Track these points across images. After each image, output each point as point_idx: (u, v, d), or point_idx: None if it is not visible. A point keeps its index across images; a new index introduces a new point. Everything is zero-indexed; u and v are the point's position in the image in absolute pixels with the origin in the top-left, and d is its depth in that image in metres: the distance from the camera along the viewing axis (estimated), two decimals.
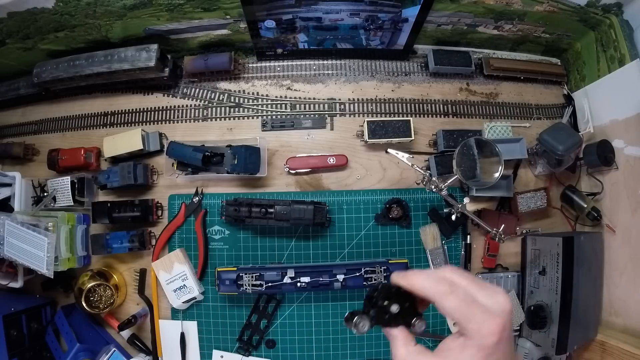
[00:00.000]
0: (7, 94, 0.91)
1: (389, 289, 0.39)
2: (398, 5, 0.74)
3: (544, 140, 0.80)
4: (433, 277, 0.36)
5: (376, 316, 0.38)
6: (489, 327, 0.33)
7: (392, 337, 0.39)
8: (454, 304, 0.34)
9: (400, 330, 0.39)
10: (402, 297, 0.39)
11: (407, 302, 0.39)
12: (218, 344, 0.83)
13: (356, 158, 0.88)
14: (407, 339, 0.38)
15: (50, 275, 0.73)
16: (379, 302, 0.39)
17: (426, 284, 0.36)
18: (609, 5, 0.75)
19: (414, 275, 0.38)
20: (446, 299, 0.35)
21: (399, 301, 0.39)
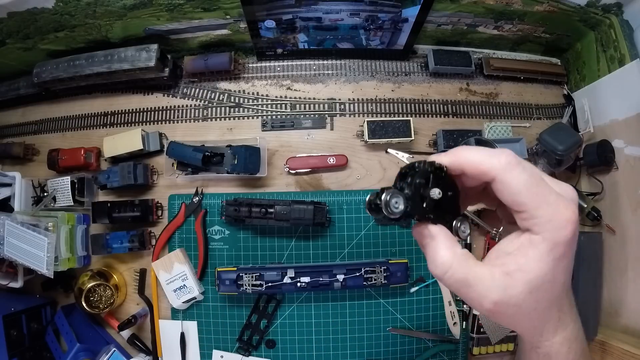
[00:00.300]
0: (7, 94, 0.91)
1: (428, 169, 0.29)
2: (398, 5, 0.74)
3: (544, 140, 0.80)
4: (490, 150, 0.29)
5: (412, 199, 0.29)
6: (565, 214, 0.26)
7: (431, 236, 0.30)
8: (523, 177, 0.27)
9: (441, 229, 0.30)
10: (444, 186, 0.30)
11: (450, 192, 0.30)
12: (218, 344, 0.83)
13: (356, 158, 0.88)
14: (452, 239, 0.29)
15: (50, 275, 0.73)
16: (416, 180, 0.29)
17: (482, 155, 0.28)
18: (609, 5, 0.75)
19: (464, 149, 0.30)
20: (512, 170, 0.27)
21: (444, 186, 0.29)
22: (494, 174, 0.28)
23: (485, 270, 0.28)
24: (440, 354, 0.83)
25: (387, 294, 0.83)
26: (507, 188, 0.27)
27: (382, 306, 0.83)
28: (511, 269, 0.27)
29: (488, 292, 0.27)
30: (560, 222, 0.26)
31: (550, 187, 0.27)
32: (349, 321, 0.83)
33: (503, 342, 0.85)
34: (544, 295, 0.28)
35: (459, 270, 0.28)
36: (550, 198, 0.27)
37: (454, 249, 0.29)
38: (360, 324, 0.83)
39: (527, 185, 0.27)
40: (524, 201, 0.27)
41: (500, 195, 0.28)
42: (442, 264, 0.28)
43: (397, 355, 0.83)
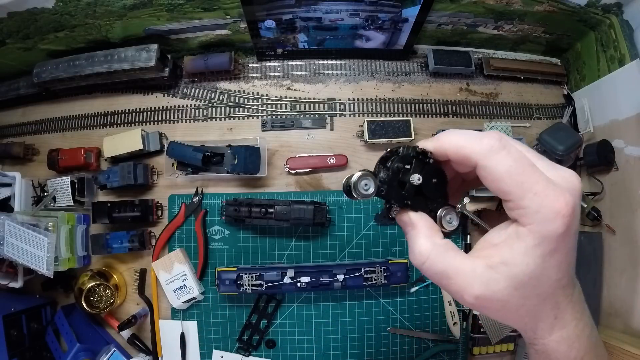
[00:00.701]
0: (7, 94, 0.91)
1: (410, 154, 0.28)
2: (398, 5, 0.74)
3: (544, 140, 0.80)
4: (474, 133, 0.26)
5: (388, 183, 0.28)
6: (554, 205, 0.24)
7: (411, 224, 0.28)
8: (506, 162, 0.24)
9: (422, 217, 0.28)
10: (428, 172, 0.28)
11: (435, 179, 0.29)
12: (218, 344, 0.83)
13: (356, 158, 0.88)
14: (433, 228, 0.28)
15: (50, 275, 0.73)
16: (395, 164, 0.28)
17: (465, 138, 0.26)
18: (609, 5, 0.75)
19: (448, 133, 0.28)
20: (494, 155, 0.25)
21: (427, 172, 0.28)
22: (476, 159, 0.25)
23: (466, 263, 0.26)
24: (440, 354, 0.83)
25: (387, 294, 0.83)
26: (489, 174, 0.25)
27: (382, 306, 0.83)
28: (495, 261, 0.25)
29: (469, 286, 0.26)
30: (548, 214, 0.24)
31: (540, 174, 0.25)
32: (349, 321, 0.83)
33: (503, 342, 0.85)
34: (532, 292, 0.26)
35: (437, 261, 0.27)
36: (538, 187, 0.24)
37: (433, 239, 0.27)
38: (360, 324, 0.83)
39: (511, 171, 0.24)
40: (507, 189, 0.25)
41: (484, 182, 0.26)
42: (420, 253, 0.27)
43: (397, 355, 0.83)
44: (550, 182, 0.24)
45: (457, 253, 0.27)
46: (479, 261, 0.26)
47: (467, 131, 0.27)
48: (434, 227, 0.28)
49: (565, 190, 0.24)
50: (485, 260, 0.26)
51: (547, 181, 0.24)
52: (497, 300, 0.26)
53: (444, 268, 0.26)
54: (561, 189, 0.24)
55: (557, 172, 0.26)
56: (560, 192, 0.24)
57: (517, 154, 0.25)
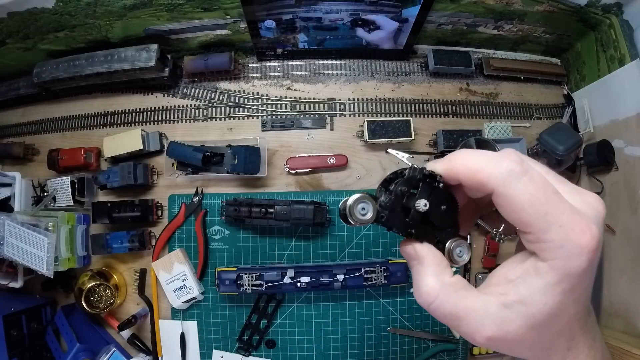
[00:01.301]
0: (7, 94, 0.91)
1: (417, 177, 0.25)
2: (398, 5, 0.74)
3: (544, 140, 0.80)
4: (490, 154, 0.23)
5: (390, 208, 0.25)
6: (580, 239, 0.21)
7: (417, 258, 0.26)
8: (529, 190, 0.22)
9: (429, 250, 0.26)
10: (437, 198, 0.25)
11: (445, 206, 0.26)
12: (218, 344, 0.83)
13: (356, 158, 0.88)
14: (441, 264, 0.25)
15: (50, 275, 0.73)
16: (399, 187, 0.25)
17: (481, 160, 0.23)
18: (609, 5, 0.75)
19: (460, 153, 0.25)
20: (515, 182, 0.22)
21: (435, 197, 0.25)
22: (493, 185, 0.23)
23: (478, 302, 0.24)
24: (440, 354, 0.83)
25: (387, 294, 0.83)
26: (508, 204, 0.22)
27: (382, 306, 0.83)
28: (511, 300, 0.23)
29: (481, 327, 0.24)
30: (573, 250, 0.21)
31: (565, 203, 0.22)
32: (349, 321, 0.83)
33: None
34: (548, 329, 0.24)
35: (446, 302, 0.24)
36: (563, 218, 0.21)
37: (442, 277, 0.25)
38: (360, 324, 0.83)
39: (534, 201, 0.21)
40: (528, 221, 0.22)
41: (502, 211, 0.23)
42: (427, 293, 0.25)
43: (397, 355, 0.83)
44: (575, 212, 0.22)
45: (469, 292, 0.25)
46: (493, 299, 0.24)
47: (482, 152, 0.24)
48: (443, 263, 0.26)
49: (591, 221, 0.22)
50: (500, 298, 0.24)
51: (572, 212, 0.22)
52: (511, 340, 0.24)
53: (454, 310, 0.24)
54: (587, 221, 0.22)
55: (582, 198, 0.23)
56: (586, 225, 0.22)
57: (541, 180, 0.22)
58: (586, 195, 0.24)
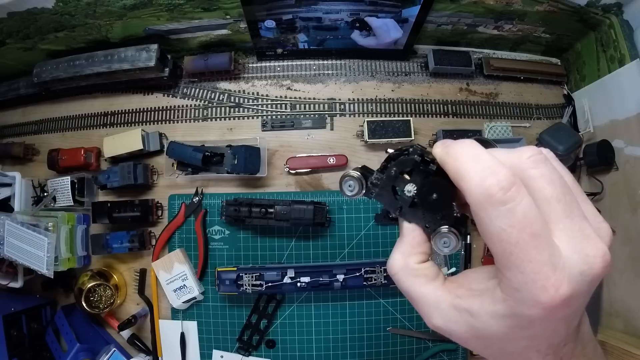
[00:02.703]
0: (7, 94, 0.91)
1: (414, 159, 0.25)
2: (398, 5, 0.74)
3: (544, 140, 0.80)
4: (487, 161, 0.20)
5: (380, 187, 0.26)
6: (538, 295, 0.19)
7: (401, 231, 0.27)
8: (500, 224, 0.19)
9: (412, 230, 0.26)
10: (430, 185, 0.25)
11: (437, 194, 0.24)
12: (218, 344, 0.83)
13: (356, 158, 0.88)
14: (416, 247, 0.26)
15: (50, 275, 0.73)
16: (391, 169, 0.26)
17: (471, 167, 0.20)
18: (609, 5, 0.75)
19: (459, 146, 0.22)
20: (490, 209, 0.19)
21: (426, 185, 0.25)
22: (470, 200, 0.20)
23: (432, 295, 0.25)
24: (440, 354, 0.83)
25: (387, 294, 0.83)
26: (479, 225, 0.21)
27: (382, 306, 0.83)
28: (462, 306, 0.23)
29: (430, 316, 0.25)
30: (527, 300, 0.19)
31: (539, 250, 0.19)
32: (349, 321, 0.83)
33: None
34: (495, 347, 0.23)
35: (403, 282, 0.26)
36: (528, 266, 0.19)
37: (408, 259, 0.26)
38: (360, 324, 0.83)
39: (502, 237, 0.19)
40: (493, 251, 0.20)
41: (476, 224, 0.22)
42: (391, 266, 0.26)
43: (397, 355, 0.83)
44: (549, 264, 0.19)
45: (427, 281, 0.25)
46: (447, 297, 0.24)
47: (479, 153, 0.21)
48: (419, 247, 0.26)
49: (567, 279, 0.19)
50: (455, 300, 0.24)
51: (544, 263, 0.19)
52: (457, 338, 0.24)
53: (409, 291, 0.26)
54: (559, 277, 0.19)
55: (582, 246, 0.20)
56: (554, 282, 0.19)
57: (522, 216, 0.19)
58: (591, 245, 0.20)
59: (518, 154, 0.21)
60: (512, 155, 0.21)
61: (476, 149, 0.22)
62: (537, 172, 0.21)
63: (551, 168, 0.21)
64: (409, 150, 0.26)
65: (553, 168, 0.21)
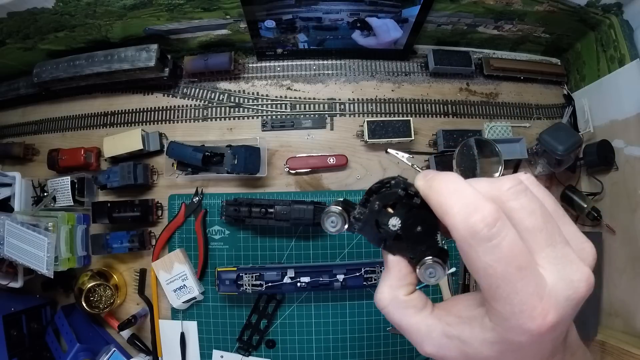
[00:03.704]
0: (7, 94, 0.91)
1: (397, 193, 0.25)
2: (398, 5, 0.74)
3: (544, 140, 0.80)
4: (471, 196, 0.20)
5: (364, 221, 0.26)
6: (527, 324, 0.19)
7: (386, 265, 0.27)
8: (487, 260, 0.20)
9: (397, 262, 0.26)
10: (413, 217, 0.25)
11: (421, 227, 0.25)
12: (218, 344, 0.83)
13: (356, 158, 0.88)
14: (403, 280, 0.26)
15: (50, 275, 0.73)
16: (374, 204, 0.26)
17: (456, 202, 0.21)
18: (609, 5, 0.75)
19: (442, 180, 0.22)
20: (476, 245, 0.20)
21: (410, 218, 0.25)
22: (455, 235, 0.21)
23: (422, 325, 0.25)
24: None
25: None
26: (465, 259, 0.21)
27: None
28: (453, 333, 0.24)
29: (422, 343, 0.25)
30: (516, 329, 0.20)
31: (526, 281, 0.19)
32: (349, 321, 0.83)
33: None
34: None
35: (393, 314, 0.26)
36: (516, 298, 0.19)
37: (396, 292, 0.26)
38: (360, 324, 0.83)
39: (490, 272, 0.20)
40: (480, 283, 0.21)
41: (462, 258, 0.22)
42: (379, 300, 0.26)
43: (397, 355, 0.83)
44: (536, 294, 0.19)
45: (417, 311, 0.25)
46: (438, 326, 0.25)
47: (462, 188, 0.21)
48: (406, 279, 0.26)
49: (554, 306, 0.19)
50: (445, 328, 0.24)
51: (531, 293, 0.19)
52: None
53: (399, 323, 0.26)
54: (546, 305, 0.19)
55: (565, 271, 0.20)
56: (542, 310, 0.19)
57: (508, 249, 0.19)
58: (574, 270, 0.20)
59: (498, 185, 0.22)
60: (493, 187, 0.22)
61: (458, 183, 0.22)
62: (518, 204, 0.21)
63: (531, 197, 0.21)
64: (390, 183, 0.26)
65: (533, 197, 0.22)
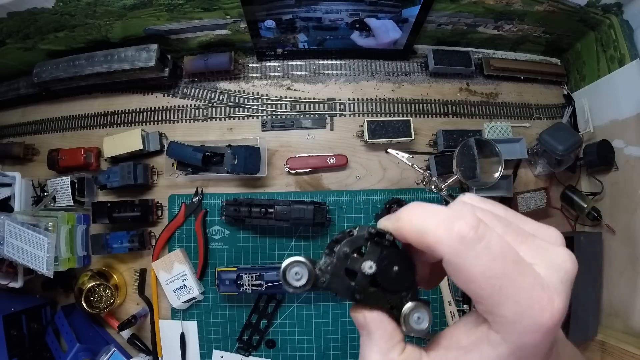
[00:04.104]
0: (7, 94, 0.91)
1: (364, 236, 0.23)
2: (398, 5, 0.74)
3: (544, 140, 0.80)
4: (443, 213, 0.20)
5: (332, 272, 0.23)
6: (538, 318, 0.19)
7: (367, 329, 0.23)
8: (483, 262, 0.19)
9: (380, 320, 0.23)
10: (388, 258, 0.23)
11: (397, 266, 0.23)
12: (218, 344, 0.83)
13: (356, 158, 0.88)
14: (392, 339, 0.23)
15: (50, 275, 0.73)
16: (342, 249, 0.23)
17: (430, 221, 0.20)
18: (609, 5, 0.75)
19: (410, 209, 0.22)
20: (468, 251, 0.19)
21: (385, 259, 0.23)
22: (442, 252, 0.20)
23: None
24: None
25: None
26: (459, 274, 0.20)
27: None
28: None
29: None
30: (529, 327, 0.19)
31: (525, 275, 0.19)
32: (349, 321, 0.83)
33: None
34: None
35: None
36: (521, 294, 0.19)
37: (390, 355, 0.22)
38: None
39: (488, 274, 0.19)
40: (481, 294, 0.20)
41: (451, 277, 0.21)
42: None
43: None
44: (537, 284, 0.19)
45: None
46: None
47: (434, 209, 0.21)
48: (394, 337, 0.23)
49: (555, 292, 0.19)
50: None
51: (533, 285, 0.19)
52: None
53: None
54: (550, 293, 0.19)
55: (548, 258, 0.20)
56: (548, 300, 0.19)
57: (499, 248, 0.19)
58: (553, 254, 0.21)
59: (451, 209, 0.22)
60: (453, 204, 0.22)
61: (426, 205, 0.21)
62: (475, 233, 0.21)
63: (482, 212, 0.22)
64: (353, 232, 0.24)
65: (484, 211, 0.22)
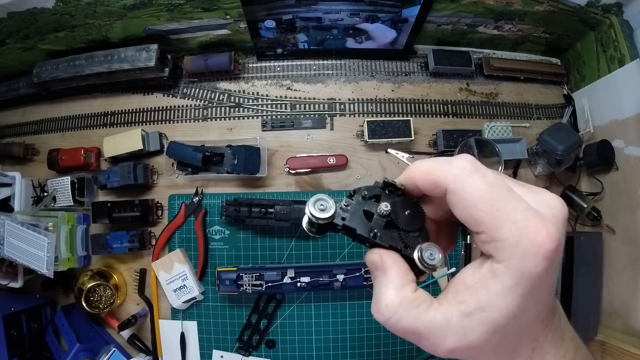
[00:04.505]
0: (7, 94, 0.91)
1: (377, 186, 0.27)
2: (398, 5, 0.74)
3: (544, 140, 0.80)
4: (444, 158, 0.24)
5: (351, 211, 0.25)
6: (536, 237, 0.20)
7: (382, 267, 0.25)
8: (480, 186, 0.22)
9: (395, 259, 0.25)
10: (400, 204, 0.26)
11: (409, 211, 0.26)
12: (218, 344, 0.83)
13: (356, 158, 0.88)
14: (406, 276, 0.24)
15: (50, 275, 0.73)
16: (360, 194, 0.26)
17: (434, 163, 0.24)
18: (609, 5, 0.75)
19: (417, 162, 0.26)
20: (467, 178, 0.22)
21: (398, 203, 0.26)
22: (446, 183, 0.23)
23: (438, 315, 0.23)
24: None
25: None
26: (460, 200, 0.22)
27: None
28: (470, 307, 0.23)
29: (442, 340, 0.23)
30: (529, 248, 0.20)
31: (519, 200, 0.22)
32: (349, 321, 0.83)
33: None
34: (510, 332, 0.23)
35: (405, 318, 0.23)
36: (517, 215, 0.21)
37: (404, 291, 0.24)
38: (360, 324, 0.83)
39: (485, 196, 0.21)
40: (480, 217, 0.22)
41: (455, 211, 0.23)
42: (386, 307, 0.23)
43: (397, 355, 0.83)
44: (531, 209, 0.21)
45: (429, 305, 0.23)
46: (453, 309, 0.23)
47: (437, 158, 0.25)
48: (408, 275, 0.24)
49: (548, 220, 0.21)
50: (460, 306, 0.23)
51: (527, 209, 0.21)
52: (473, 349, 0.23)
53: (413, 325, 0.23)
54: (543, 219, 0.21)
55: (538, 197, 0.23)
56: (543, 223, 0.21)
57: (493, 178, 0.22)
58: (543, 195, 0.23)
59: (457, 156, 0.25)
60: None
61: (431, 158, 0.25)
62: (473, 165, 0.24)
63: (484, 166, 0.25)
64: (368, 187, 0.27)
65: None
